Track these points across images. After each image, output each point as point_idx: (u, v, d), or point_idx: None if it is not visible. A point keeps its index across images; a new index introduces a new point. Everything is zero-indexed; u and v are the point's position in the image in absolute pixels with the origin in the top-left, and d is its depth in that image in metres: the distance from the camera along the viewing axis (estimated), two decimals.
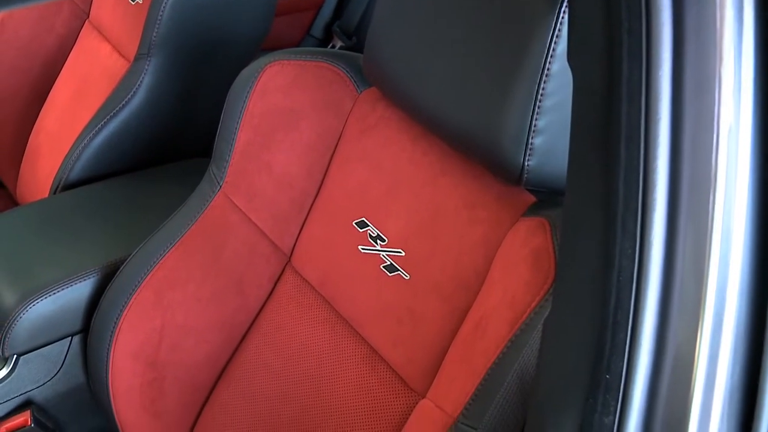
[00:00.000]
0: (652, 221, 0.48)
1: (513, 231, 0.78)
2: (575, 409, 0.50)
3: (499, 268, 0.77)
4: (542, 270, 0.72)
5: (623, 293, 0.48)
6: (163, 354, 1.03)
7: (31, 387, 1.07)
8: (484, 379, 0.71)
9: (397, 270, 0.87)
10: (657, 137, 0.47)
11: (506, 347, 0.70)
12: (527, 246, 0.74)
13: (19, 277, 1.07)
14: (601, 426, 0.48)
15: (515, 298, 0.72)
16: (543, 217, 0.76)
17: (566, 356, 0.52)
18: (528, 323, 0.70)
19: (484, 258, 0.80)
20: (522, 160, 0.75)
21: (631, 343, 0.48)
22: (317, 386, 0.91)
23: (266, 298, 1.01)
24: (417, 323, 0.84)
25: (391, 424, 0.83)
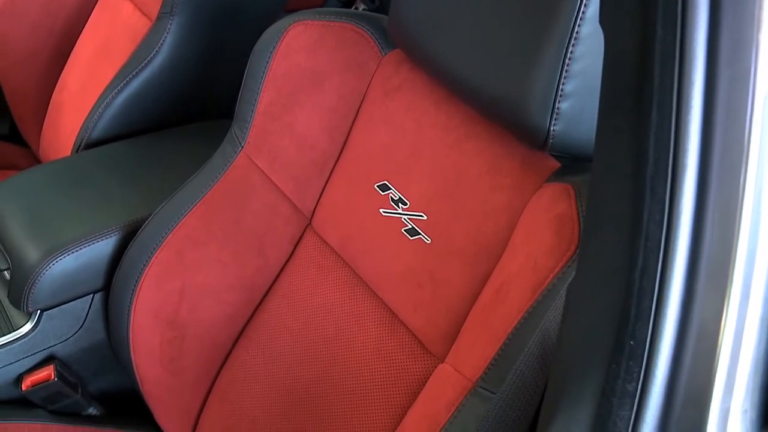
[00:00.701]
0: (681, 187, 0.47)
1: (537, 196, 0.77)
2: (598, 375, 0.50)
3: (522, 233, 0.76)
4: (565, 236, 0.71)
5: (650, 260, 0.47)
6: (183, 313, 1.04)
7: (54, 342, 1.09)
8: (505, 344, 0.71)
9: (419, 234, 0.87)
10: (690, 101, 0.46)
11: (527, 313, 0.70)
12: (551, 212, 0.74)
13: (43, 234, 1.07)
14: (624, 392, 0.48)
15: (537, 263, 0.72)
16: (567, 183, 0.75)
17: (590, 322, 0.51)
18: (550, 289, 0.69)
19: (506, 223, 0.79)
20: (547, 125, 0.74)
21: (657, 310, 0.47)
22: (336, 348, 0.91)
23: (286, 260, 1.01)
24: (437, 287, 0.84)
25: (409, 387, 0.83)
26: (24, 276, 1.04)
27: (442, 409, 0.73)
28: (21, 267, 1.05)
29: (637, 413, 0.48)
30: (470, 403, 0.71)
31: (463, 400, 0.72)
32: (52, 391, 1.07)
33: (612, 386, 0.48)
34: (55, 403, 1.09)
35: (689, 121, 0.46)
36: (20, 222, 1.09)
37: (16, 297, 1.05)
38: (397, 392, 0.84)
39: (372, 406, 0.85)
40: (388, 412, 0.84)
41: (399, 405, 0.83)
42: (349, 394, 0.88)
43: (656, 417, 0.48)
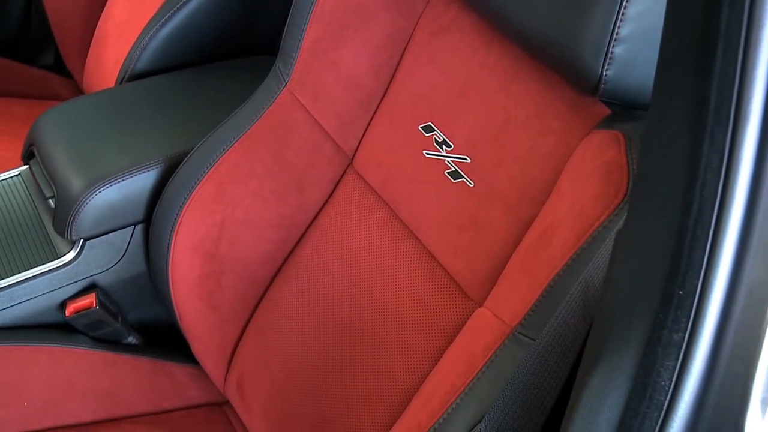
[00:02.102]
0: (743, 135, 0.45)
1: (585, 143, 0.76)
2: (643, 324, 0.49)
3: (568, 179, 0.75)
4: (613, 183, 0.69)
5: (705, 208, 0.46)
6: (222, 248, 1.04)
7: (96, 271, 1.10)
8: (546, 291, 0.70)
9: (462, 177, 0.86)
10: (758, 45, 0.44)
11: (571, 259, 0.69)
12: (599, 158, 0.72)
13: (87, 164, 1.08)
14: (670, 342, 0.47)
15: (583, 210, 0.70)
16: (617, 130, 0.73)
17: (638, 270, 0.50)
18: (595, 236, 0.68)
19: (552, 169, 0.78)
20: (600, 69, 0.72)
21: (709, 261, 0.46)
22: (373, 289, 0.92)
23: (326, 199, 1.01)
24: (479, 231, 0.83)
25: (446, 330, 0.83)
26: (68, 205, 1.05)
27: (479, 353, 0.73)
28: (65, 196, 1.06)
29: (683, 364, 0.47)
30: (508, 348, 0.71)
31: (501, 344, 0.72)
32: (94, 318, 1.09)
33: (658, 335, 0.47)
34: (96, 330, 1.11)
35: (756, 66, 0.44)
36: (65, 151, 1.10)
37: (60, 225, 1.07)
38: (433, 334, 0.84)
39: (408, 346, 0.85)
40: (424, 353, 0.84)
41: (435, 347, 0.83)
42: (385, 334, 0.88)
43: (702, 368, 0.47)
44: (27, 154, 1.18)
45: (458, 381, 0.73)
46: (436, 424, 0.72)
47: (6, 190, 1.16)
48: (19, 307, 1.06)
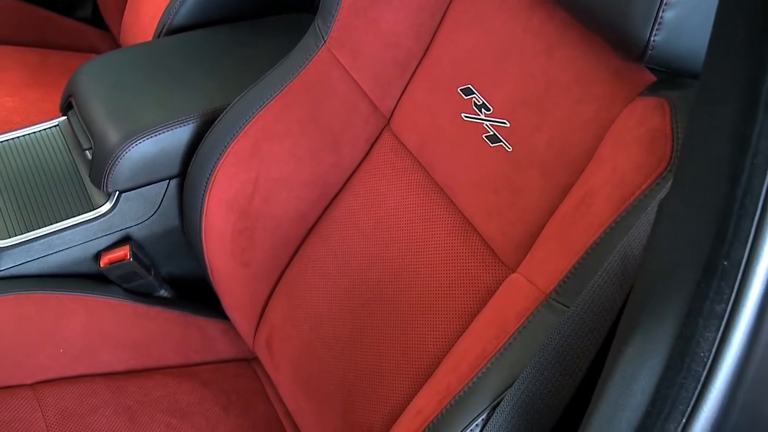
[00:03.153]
0: None
1: (628, 110, 0.74)
2: (684, 294, 0.48)
3: (610, 146, 0.74)
4: (656, 152, 0.68)
5: (756, 178, 0.45)
6: (255, 205, 1.04)
7: (130, 224, 1.11)
8: (583, 258, 0.69)
9: (500, 141, 0.85)
10: None
11: (610, 227, 0.68)
12: (642, 126, 0.71)
13: (124, 116, 1.09)
14: (711, 313, 0.46)
15: (624, 178, 0.69)
16: (662, 98, 0.72)
17: (681, 239, 0.49)
18: (636, 205, 0.67)
19: (593, 136, 0.77)
20: (648, 35, 0.70)
21: (757, 232, 0.45)
22: (406, 250, 0.91)
23: (361, 160, 1.00)
24: (515, 197, 0.82)
25: (478, 294, 0.83)
26: (105, 157, 1.06)
27: (512, 318, 0.73)
28: (102, 148, 1.07)
29: (724, 335, 0.46)
30: (541, 314, 0.71)
31: (534, 311, 0.71)
32: (127, 270, 1.10)
33: (699, 306, 0.47)
34: (129, 282, 1.12)
35: None
36: (103, 104, 1.11)
37: (96, 177, 1.08)
38: (465, 298, 0.84)
39: (439, 309, 0.85)
40: (455, 317, 0.84)
41: (466, 311, 0.83)
42: (416, 297, 0.88)
43: (743, 341, 0.46)
44: (65, 105, 1.19)
45: (489, 346, 0.73)
46: (466, 387, 0.72)
47: (44, 140, 1.17)
48: (56, 256, 1.07)
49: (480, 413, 0.69)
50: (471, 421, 0.69)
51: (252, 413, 1.08)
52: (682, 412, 0.48)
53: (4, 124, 1.33)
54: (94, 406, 0.99)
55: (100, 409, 0.99)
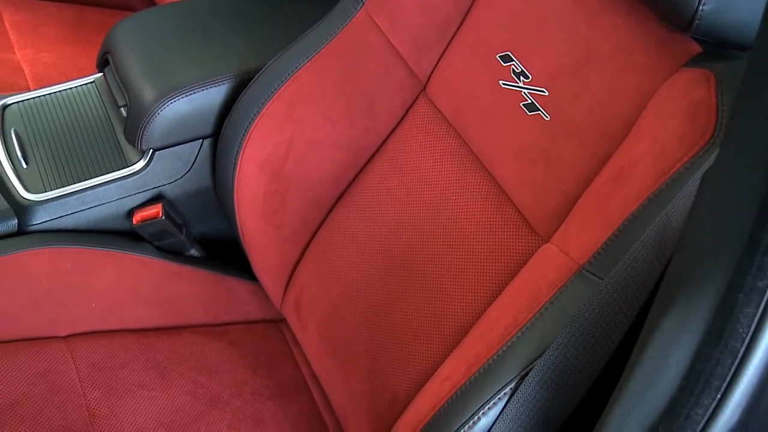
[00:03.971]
0: None
1: (671, 81, 0.72)
2: (725, 268, 0.47)
3: (651, 117, 0.72)
4: (699, 124, 0.67)
5: None
6: (288, 167, 1.04)
7: (163, 182, 1.12)
8: (619, 230, 0.68)
9: (538, 110, 0.84)
10: None
11: (648, 200, 0.67)
12: (686, 98, 0.69)
13: (159, 75, 1.09)
14: (753, 289, 0.45)
15: (665, 150, 0.68)
16: (708, 69, 0.70)
17: (724, 213, 0.48)
18: (676, 178, 0.66)
19: (634, 106, 0.75)
20: (696, 5, 0.69)
21: None
22: (438, 217, 0.91)
23: (396, 125, 0.99)
24: (551, 166, 0.81)
25: (509, 263, 0.83)
26: (139, 114, 1.06)
27: (544, 288, 0.72)
28: (137, 105, 1.07)
29: (765, 311, 0.45)
30: (574, 285, 0.70)
31: (567, 281, 0.71)
32: (159, 228, 1.11)
33: (740, 281, 0.46)
34: (161, 240, 1.13)
35: None
36: (139, 61, 1.11)
37: (131, 134, 1.08)
38: (496, 267, 0.83)
39: (469, 277, 0.85)
40: (486, 285, 0.83)
41: (497, 280, 0.83)
42: (447, 264, 0.88)
43: None
44: (102, 62, 1.19)
45: (520, 315, 0.72)
46: (495, 355, 0.71)
47: (80, 96, 1.17)
48: (90, 212, 1.08)
49: (508, 382, 0.69)
50: (499, 389, 0.69)
51: (278, 374, 1.09)
52: (717, 388, 0.47)
53: (41, 79, 1.34)
54: (125, 360, 1.01)
55: (130, 364, 1.01)
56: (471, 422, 0.70)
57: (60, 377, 0.95)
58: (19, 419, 0.89)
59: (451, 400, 0.72)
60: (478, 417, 0.69)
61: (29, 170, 1.08)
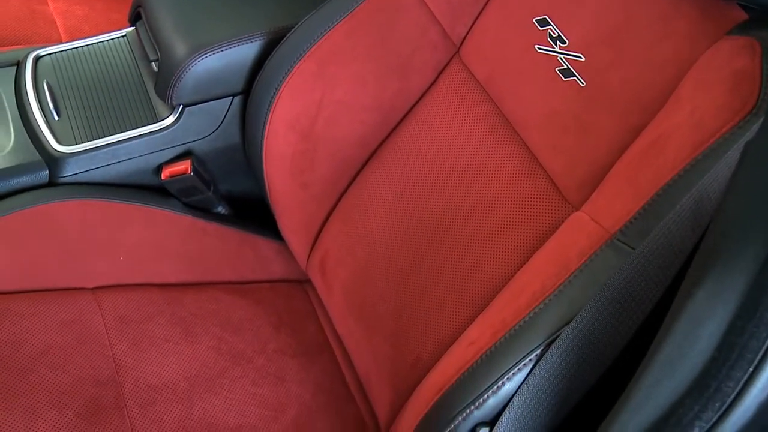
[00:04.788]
0: None
1: (713, 49, 0.71)
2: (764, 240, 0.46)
3: (690, 86, 0.71)
4: (741, 94, 0.65)
5: None
6: (318, 127, 1.04)
7: (192, 138, 1.12)
8: (652, 200, 0.67)
9: (573, 75, 0.82)
10: None
11: (684, 170, 0.66)
12: (728, 66, 0.68)
13: (191, 30, 1.08)
14: None
15: (703, 120, 0.67)
16: (753, 38, 0.68)
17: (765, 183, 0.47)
18: (714, 148, 0.65)
19: (673, 75, 0.74)
20: None
21: None
22: (468, 182, 0.90)
23: (428, 87, 0.98)
24: (584, 134, 0.80)
25: (539, 230, 0.82)
26: (171, 70, 1.06)
27: (573, 257, 0.72)
28: (168, 60, 1.07)
29: None
30: (604, 254, 0.69)
31: (597, 250, 0.70)
32: (187, 184, 1.11)
33: None
34: (188, 197, 1.14)
35: None
36: (171, 16, 1.10)
37: (162, 89, 1.08)
38: (525, 233, 0.83)
39: (498, 243, 0.85)
40: (514, 251, 0.83)
41: (526, 246, 0.82)
42: (475, 229, 0.87)
43: None
44: (134, 16, 1.19)
45: (548, 282, 0.72)
46: (522, 321, 0.71)
47: (112, 50, 1.17)
48: (119, 166, 1.09)
49: (534, 349, 0.69)
50: (524, 356, 0.69)
51: (301, 333, 1.10)
52: (750, 361, 0.47)
53: (74, 32, 1.34)
54: (151, 314, 1.02)
55: (156, 318, 1.02)
56: (495, 387, 0.70)
57: (88, 328, 0.96)
58: (49, 366, 0.91)
59: (476, 364, 0.72)
60: (502, 382, 0.69)
61: (61, 122, 1.08)
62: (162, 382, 0.95)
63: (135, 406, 0.92)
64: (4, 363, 0.89)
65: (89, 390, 0.91)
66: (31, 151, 1.05)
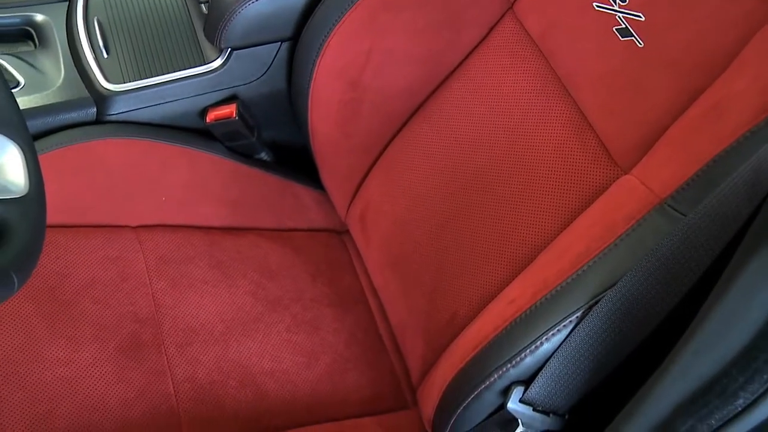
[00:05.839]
0: None
1: None
2: None
3: (755, 51, 0.68)
4: None
5: None
6: (366, 77, 1.03)
7: (239, 83, 1.12)
8: (707, 166, 0.65)
9: (631, 35, 0.80)
10: None
11: (743, 137, 0.64)
12: None
13: None
14: None
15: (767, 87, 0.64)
16: None
17: None
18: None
19: (738, 38, 0.71)
20: None
21: None
22: (514, 139, 0.89)
23: (480, 41, 0.97)
24: (639, 95, 0.78)
25: (585, 192, 0.81)
26: (220, 12, 1.05)
27: (620, 220, 0.70)
28: (218, 3, 1.06)
29: None
30: (653, 218, 0.68)
31: (645, 214, 0.69)
32: (232, 128, 1.11)
33: None
34: (232, 141, 1.14)
35: None
36: None
37: (210, 32, 1.08)
38: (570, 195, 0.81)
39: (541, 203, 0.83)
40: (558, 212, 0.82)
41: (570, 207, 0.81)
42: (519, 187, 0.86)
43: None
44: None
45: (593, 245, 0.71)
46: (564, 282, 0.70)
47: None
48: (165, 107, 1.09)
49: (575, 311, 0.68)
50: (565, 317, 0.69)
51: (338, 283, 1.10)
52: None
53: None
54: (190, 255, 1.03)
55: (196, 260, 1.03)
56: (533, 347, 0.69)
57: (129, 265, 0.98)
58: (92, 299, 0.92)
59: (515, 322, 0.72)
60: (541, 342, 0.69)
61: (110, 60, 1.09)
62: (199, 323, 0.96)
63: (172, 345, 0.93)
64: (50, 293, 0.91)
65: (129, 326, 0.92)
66: (80, 88, 1.06)
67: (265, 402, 0.93)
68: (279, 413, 0.93)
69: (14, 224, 0.63)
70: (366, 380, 1.01)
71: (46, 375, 0.85)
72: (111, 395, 0.86)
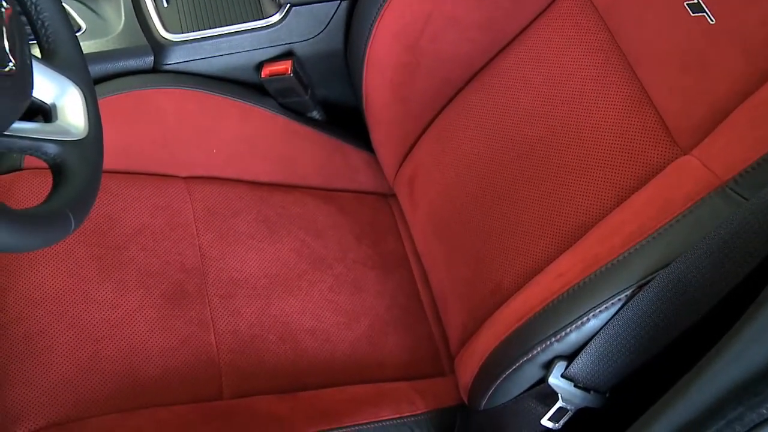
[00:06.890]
0: None
1: None
2: None
3: None
4: None
5: None
6: (423, 41, 1.02)
7: (296, 39, 1.11)
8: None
9: (703, 11, 0.77)
10: None
11: None
12: None
13: None
14: None
15: None
16: None
17: None
18: None
19: None
20: None
21: None
22: (572, 113, 0.87)
23: (543, 10, 0.95)
24: (705, 74, 0.76)
25: (641, 170, 0.79)
26: None
27: (678, 200, 0.69)
28: None
29: None
30: (713, 201, 0.66)
31: (705, 196, 0.67)
32: (286, 85, 1.11)
33: None
34: (285, 98, 1.14)
35: None
36: None
37: None
38: (626, 171, 0.80)
39: (596, 177, 0.82)
40: (612, 189, 0.80)
41: (625, 185, 0.79)
42: (573, 161, 0.85)
43: None
44: None
45: (648, 223, 0.70)
46: (615, 260, 0.69)
47: None
48: (221, 59, 1.09)
49: (624, 289, 0.67)
50: (614, 294, 0.68)
51: (382, 246, 1.10)
52: None
53: None
54: (238, 209, 1.04)
55: (243, 214, 1.03)
56: (579, 322, 0.69)
57: (178, 215, 0.99)
58: (141, 246, 0.93)
59: (563, 296, 0.71)
60: (587, 318, 0.68)
61: (169, 10, 1.09)
62: (243, 276, 0.97)
63: (216, 296, 0.94)
64: (101, 237, 0.92)
65: (175, 275, 0.93)
66: (139, 36, 1.06)
67: (303, 359, 0.94)
68: (316, 372, 0.94)
69: (73, 166, 0.64)
70: (404, 345, 1.01)
71: (94, 316, 0.86)
72: (154, 341, 0.88)
